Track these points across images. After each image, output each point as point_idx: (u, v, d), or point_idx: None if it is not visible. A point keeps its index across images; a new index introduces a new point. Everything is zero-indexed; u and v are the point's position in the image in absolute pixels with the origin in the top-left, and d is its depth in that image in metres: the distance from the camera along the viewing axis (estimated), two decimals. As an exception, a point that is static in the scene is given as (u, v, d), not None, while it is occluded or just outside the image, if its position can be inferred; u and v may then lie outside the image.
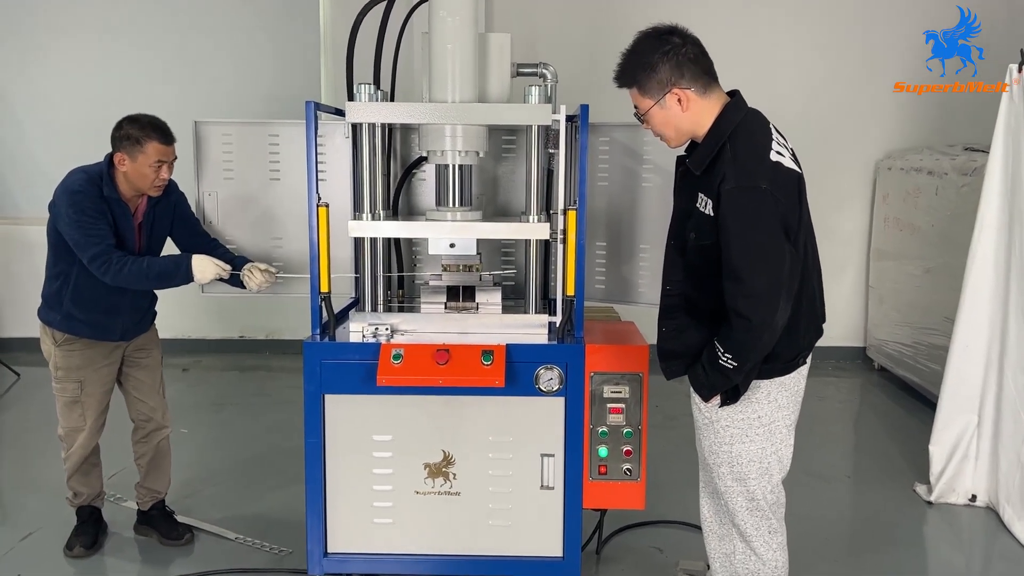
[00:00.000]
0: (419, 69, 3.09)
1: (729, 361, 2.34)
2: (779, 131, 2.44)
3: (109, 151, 3.21)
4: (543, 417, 2.97)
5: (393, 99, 3.36)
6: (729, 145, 2.33)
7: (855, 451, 5.12)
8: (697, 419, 2.63)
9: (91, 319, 3.30)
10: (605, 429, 3.00)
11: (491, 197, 3.58)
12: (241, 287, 3.25)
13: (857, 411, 5.87)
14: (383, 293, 3.27)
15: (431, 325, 3.09)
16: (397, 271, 3.49)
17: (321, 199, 2.94)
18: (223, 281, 3.23)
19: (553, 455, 2.99)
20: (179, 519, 3.71)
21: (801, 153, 2.50)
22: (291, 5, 6.51)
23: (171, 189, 3.37)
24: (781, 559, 2.64)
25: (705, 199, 2.36)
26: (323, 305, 3.01)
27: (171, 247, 3.42)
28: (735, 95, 2.45)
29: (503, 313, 3.18)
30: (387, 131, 3.39)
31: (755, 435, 2.52)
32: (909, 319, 5.72)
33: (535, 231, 3.02)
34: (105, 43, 6.53)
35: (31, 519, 3.82)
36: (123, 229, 3.23)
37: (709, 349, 2.41)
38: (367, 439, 3.00)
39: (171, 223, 3.41)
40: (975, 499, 4.00)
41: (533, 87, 2.96)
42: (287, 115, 3.47)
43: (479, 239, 3.20)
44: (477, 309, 3.20)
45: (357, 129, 3.15)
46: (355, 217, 3.12)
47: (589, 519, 3.28)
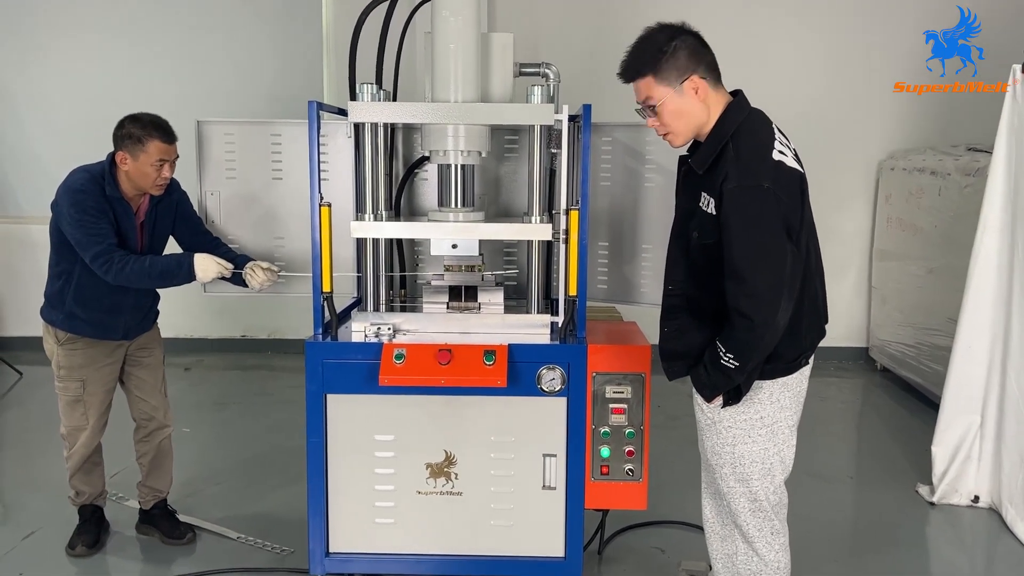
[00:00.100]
0: (421, 69, 3.09)
1: (731, 361, 2.34)
2: (781, 131, 2.44)
3: (111, 150, 3.21)
4: (545, 417, 2.97)
5: (395, 99, 3.36)
6: (732, 144, 2.33)
7: (857, 452, 5.11)
8: (699, 420, 2.63)
9: (93, 318, 3.30)
10: (607, 429, 3.00)
11: (493, 197, 3.58)
12: (243, 286, 3.26)
13: (859, 412, 5.87)
14: (385, 293, 3.28)
15: (433, 325, 3.08)
16: (399, 271, 3.49)
17: (323, 199, 2.94)
18: (225, 280, 3.23)
19: (555, 455, 2.99)
20: (181, 518, 3.71)
21: (803, 153, 2.49)
22: (293, 4, 6.51)
23: (173, 188, 3.37)
24: (783, 560, 2.63)
25: (708, 198, 2.36)
26: (325, 305, 3.01)
27: (173, 246, 3.42)
28: (738, 94, 2.45)
29: (505, 313, 3.18)
30: (389, 131, 3.39)
31: (758, 436, 2.51)
32: (912, 320, 5.71)
33: (537, 232, 3.02)
34: (107, 42, 6.54)
35: (33, 518, 3.82)
36: (125, 228, 3.23)
37: (711, 349, 2.41)
38: (369, 439, 3.00)
39: (173, 222, 3.41)
40: (978, 500, 3.99)
41: (535, 87, 2.96)
42: (289, 115, 3.48)
43: (481, 239, 3.20)
44: (479, 309, 3.20)
45: (359, 129, 3.15)
46: (357, 217, 3.13)
47: (591, 519, 3.27)
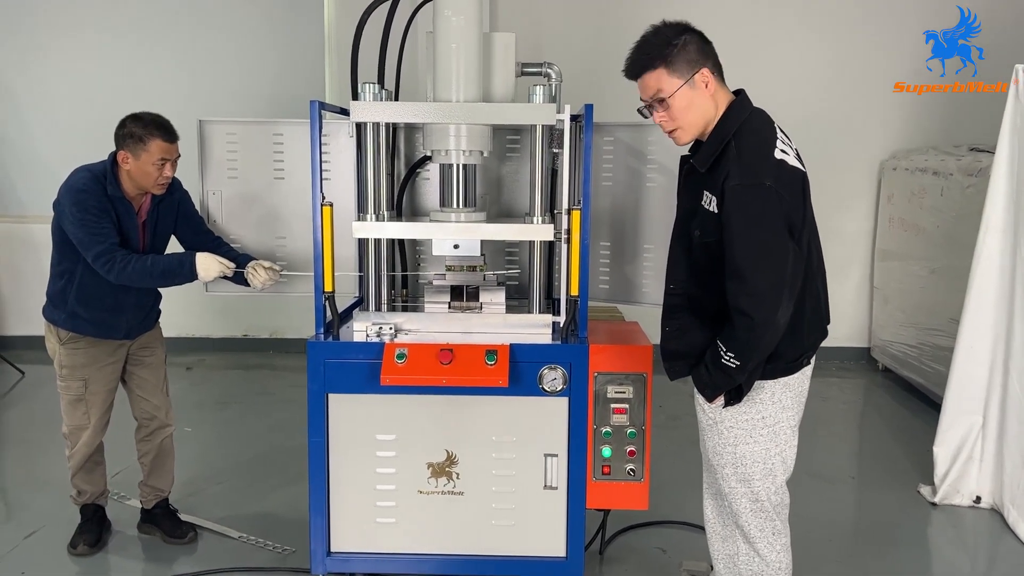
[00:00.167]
0: (423, 68, 3.09)
1: (732, 360, 2.33)
2: (783, 131, 2.43)
3: (113, 149, 3.21)
4: (547, 417, 2.97)
5: (397, 98, 3.36)
6: (734, 143, 2.33)
7: (859, 452, 5.10)
8: (701, 420, 2.63)
9: (96, 317, 3.31)
10: (609, 429, 2.99)
11: (495, 197, 3.57)
12: (245, 285, 3.26)
13: (861, 412, 5.86)
14: (387, 292, 3.27)
15: (435, 325, 3.08)
16: (401, 270, 3.49)
17: (325, 198, 2.94)
18: (227, 279, 3.23)
19: (557, 455, 2.99)
20: (182, 517, 3.71)
21: (805, 153, 2.49)
22: (295, 4, 6.51)
23: (175, 187, 3.37)
24: (785, 560, 2.63)
25: (710, 196, 2.36)
26: (327, 304, 3.01)
27: (175, 245, 3.42)
28: (740, 94, 2.45)
29: (507, 313, 3.18)
30: (391, 130, 3.39)
31: (759, 436, 2.51)
32: (914, 320, 5.70)
33: (539, 232, 3.02)
34: (109, 41, 6.54)
35: (35, 517, 3.82)
36: (127, 227, 3.24)
37: (712, 349, 2.41)
38: (371, 438, 3.00)
39: (175, 221, 3.41)
40: (979, 501, 3.99)
41: (537, 87, 2.96)
42: (291, 114, 3.47)
43: (483, 239, 3.20)
44: (481, 309, 3.20)
45: (361, 128, 3.15)
46: (359, 217, 3.12)
47: (592, 519, 3.27)
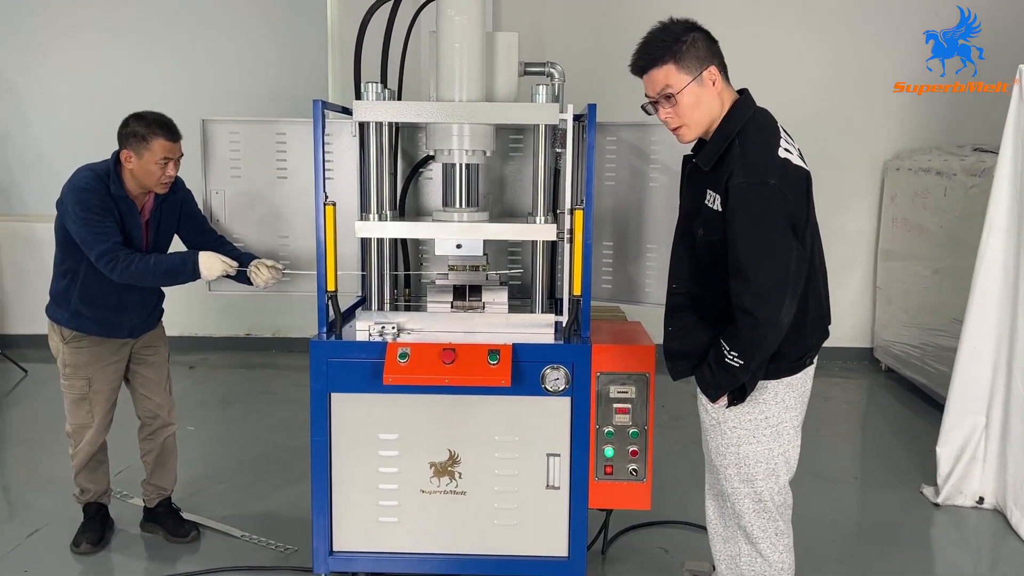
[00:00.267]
0: (426, 68, 3.09)
1: (735, 359, 2.33)
2: (786, 131, 2.43)
3: (116, 148, 3.21)
4: (549, 417, 2.97)
5: (400, 98, 3.36)
6: (738, 141, 2.32)
7: (862, 452, 5.10)
8: (704, 420, 2.63)
9: (99, 316, 3.31)
10: (611, 429, 2.99)
11: (498, 196, 3.57)
12: (248, 284, 3.26)
13: (864, 412, 5.85)
14: (389, 292, 3.27)
15: (437, 324, 3.08)
16: (403, 270, 3.49)
17: (328, 197, 2.94)
18: (230, 278, 3.24)
19: (559, 455, 2.99)
20: (185, 516, 3.71)
21: (808, 154, 2.48)
22: (297, 3, 6.52)
23: (177, 186, 3.37)
24: (788, 561, 2.63)
25: (713, 195, 2.35)
26: (330, 303, 3.01)
27: (178, 244, 3.42)
28: (744, 93, 2.45)
29: (509, 313, 3.18)
30: (394, 130, 3.39)
31: (762, 436, 2.51)
32: (917, 320, 5.69)
33: (542, 232, 3.02)
34: (112, 41, 6.55)
35: (38, 515, 3.83)
36: (130, 226, 3.24)
37: (715, 348, 2.41)
38: (373, 438, 3.00)
39: (178, 220, 3.41)
40: (982, 501, 3.98)
41: (540, 86, 2.96)
42: (294, 113, 3.48)
43: (485, 239, 3.20)
44: (483, 308, 3.20)
45: (364, 128, 3.15)
46: (361, 216, 3.12)
47: (595, 519, 3.27)
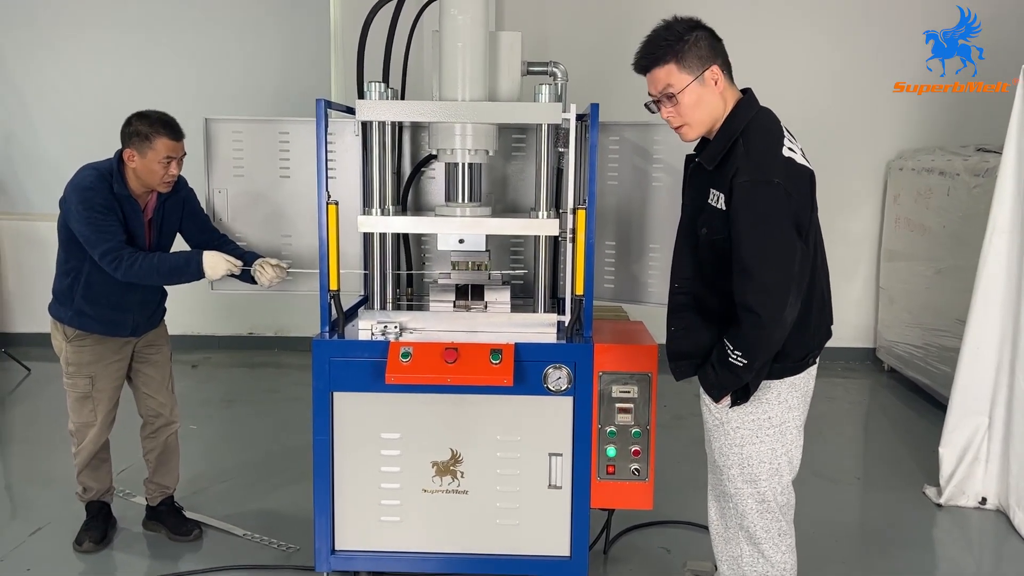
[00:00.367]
0: (429, 67, 3.09)
1: (739, 359, 2.33)
2: (789, 131, 2.43)
3: (119, 147, 3.22)
4: (551, 416, 2.97)
5: (403, 97, 3.36)
6: (742, 140, 2.32)
7: (864, 453, 5.09)
8: (707, 421, 2.62)
9: (102, 315, 3.31)
10: (613, 429, 2.99)
11: (500, 196, 3.58)
12: (252, 283, 3.26)
13: (866, 413, 5.84)
14: (392, 291, 3.28)
15: (440, 323, 3.08)
16: (406, 269, 3.49)
17: (331, 197, 2.94)
18: (234, 277, 3.24)
19: (561, 454, 2.99)
20: (188, 515, 3.72)
21: (811, 154, 2.48)
22: (301, 2, 6.52)
23: (180, 185, 3.38)
24: (790, 561, 2.62)
25: (717, 194, 2.35)
26: (332, 303, 3.01)
27: (181, 243, 3.43)
28: (747, 92, 2.45)
29: (512, 312, 3.18)
30: (397, 129, 3.39)
31: (766, 436, 2.50)
32: (920, 320, 5.69)
33: (544, 227, 3.02)
34: (115, 39, 6.55)
35: (41, 514, 3.83)
36: (133, 225, 3.24)
37: (719, 347, 2.40)
38: (375, 437, 3.00)
39: (181, 219, 3.42)
40: (985, 502, 3.98)
41: (543, 86, 2.96)
42: (296, 112, 3.48)
43: (488, 236, 3.20)
44: (486, 308, 3.20)
45: (367, 127, 3.15)
46: (365, 211, 3.12)
47: (597, 519, 3.27)
